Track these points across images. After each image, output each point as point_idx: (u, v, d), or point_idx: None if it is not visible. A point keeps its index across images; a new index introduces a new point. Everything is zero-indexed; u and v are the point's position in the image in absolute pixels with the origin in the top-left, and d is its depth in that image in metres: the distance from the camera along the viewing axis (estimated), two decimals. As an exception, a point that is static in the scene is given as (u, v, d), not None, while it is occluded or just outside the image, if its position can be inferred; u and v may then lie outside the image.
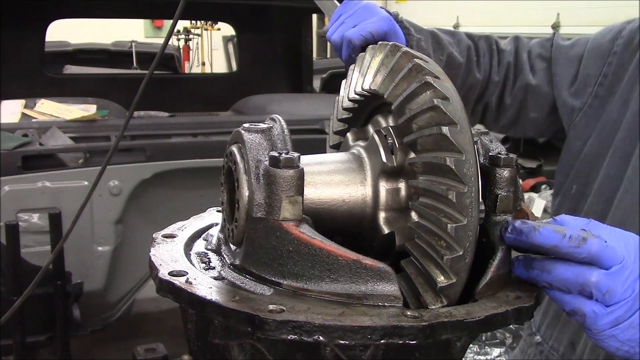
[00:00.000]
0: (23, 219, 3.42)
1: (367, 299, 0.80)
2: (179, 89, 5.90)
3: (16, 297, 3.09)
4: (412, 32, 1.57)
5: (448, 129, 0.81)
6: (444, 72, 0.92)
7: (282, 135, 0.88)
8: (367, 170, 0.93)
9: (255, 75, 5.87)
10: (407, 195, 0.90)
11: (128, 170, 3.64)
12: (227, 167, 0.90)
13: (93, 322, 3.88)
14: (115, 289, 3.92)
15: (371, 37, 1.43)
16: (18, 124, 3.91)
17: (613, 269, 0.85)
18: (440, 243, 0.81)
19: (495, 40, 1.79)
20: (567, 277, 0.86)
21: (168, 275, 0.84)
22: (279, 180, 0.80)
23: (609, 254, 0.85)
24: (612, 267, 0.85)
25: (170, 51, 8.35)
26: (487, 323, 0.80)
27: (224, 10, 6.02)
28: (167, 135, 3.95)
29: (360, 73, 1.00)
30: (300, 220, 0.82)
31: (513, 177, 0.91)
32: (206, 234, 1.04)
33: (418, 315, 0.77)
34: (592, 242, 0.85)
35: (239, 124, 0.90)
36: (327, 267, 0.80)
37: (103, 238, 3.67)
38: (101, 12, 5.82)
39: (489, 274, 0.86)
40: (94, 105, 4.34)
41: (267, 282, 0.83)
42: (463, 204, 0.80)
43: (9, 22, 4.68)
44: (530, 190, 4.62)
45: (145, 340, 3.24)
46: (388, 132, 0.91)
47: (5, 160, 3.39)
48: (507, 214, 0.91)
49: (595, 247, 0.85)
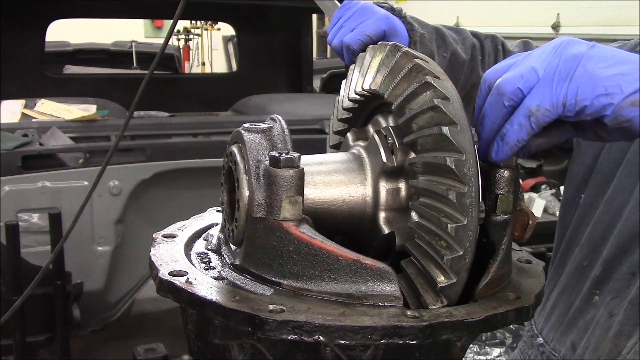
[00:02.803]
0: (23, 219, 3.42)
1: (367, 299, 0.80)
2: (179, 89, 5.90)
3: (16, 297, 3.09)
4: (415, 28, 1.56)
5: (448, 129, 0.81)
6: (447, 69, 0.92)
7: (282, 135, 0.88)
8: (367, 170, 0.93)
9: (255, 75, 5.88)
10: (407, 195, 0.90)
11: (128, 170, 3.64)
12: (227, 167, 0.90)
13: (93, 322, 3.88)
14: (115, 289, 3.92)
15: (369, 39, 1.43)
16: (18, 124, 3.92)
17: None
18: (440, 243, 0.81)
19: (501, 40, 1.77)
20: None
21: (168, 275, 0.84)
22: (279, 180, 0.80)
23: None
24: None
25: (170, 51, 8.34)
26: (488, 323, 0.80)
27: (224, 10, 6.02)
28: (167, 135, 3.95)
29: (360, 73, 1.00)
30: (301, 220, 0.82)
31: (513, 177, 0.91)
32: (206, 234, 1.04)
33: (418, 315, 0.77)
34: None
35: (239, 124, 0.90)
36: (327, 267, 0.80)
37: (103, 238, 3.67)
38: (101, 12, 5.83)
39: (489, 274, 0.86)
40: (94, 105, 4.34)
41: (267, 282, 0.83)
42: (463, 204, 0.80)
43: (9, 22, 4.69)
44: (530, 190, 4.61)
45: (145, 340, 3.25)
46: (388, 132, 0.91)
47: (5, 160, 3.39)
48: (507, 214, 0.91)
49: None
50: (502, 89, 0.90)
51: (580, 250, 1.57)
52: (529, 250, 2.00)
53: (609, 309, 1.46)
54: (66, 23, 5.61)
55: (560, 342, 1.60)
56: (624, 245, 1.45)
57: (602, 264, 1.49)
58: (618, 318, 1.43)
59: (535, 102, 0.88)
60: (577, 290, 1.56)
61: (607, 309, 1.46)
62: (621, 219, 1.47)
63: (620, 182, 1.49)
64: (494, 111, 0.92)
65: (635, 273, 1.42)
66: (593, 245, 1.53)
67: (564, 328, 1.59)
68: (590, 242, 1.55)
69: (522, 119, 0.89)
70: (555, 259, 1.67)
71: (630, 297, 1.41)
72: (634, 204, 1.44)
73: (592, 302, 1.51)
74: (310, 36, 6.10)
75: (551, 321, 1.65)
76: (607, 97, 0.86)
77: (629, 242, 1.44)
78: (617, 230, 1.46)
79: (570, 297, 1.58)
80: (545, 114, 0.87)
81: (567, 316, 1.57)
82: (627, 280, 1.44)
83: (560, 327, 1.60)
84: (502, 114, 0.91)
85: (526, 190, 4.61)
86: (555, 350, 1.60)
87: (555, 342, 1.61)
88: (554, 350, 1.61)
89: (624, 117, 0.86)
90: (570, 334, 1.56)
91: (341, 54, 1.48)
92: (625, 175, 1.48)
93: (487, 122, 0.93)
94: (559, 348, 1.60)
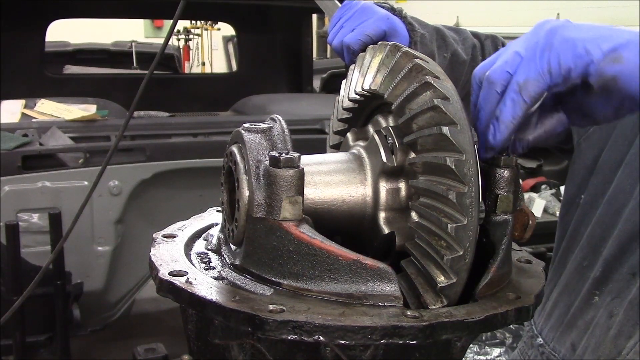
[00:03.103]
0: (23, 219, 3.42)
1: (367, 299, 0.80)
2: (179, 89, 5.90)
3: (16, 297, 3.09)
4: (416, 28, 1.56)
5: (448, 129, 0.81)
6: (448, 69, 0.92)
7: (282, 135, 0.88)
8: (367, 170, 0.93)
9: (255, 75, 5.87)
10: (407, 195, 0.90)
11: (128, 170, 3.64)
12: (227, 167, 0.90)
13: (93, 322, 3.88)
14: (115, 289, 3.92)
15: (369, 39, 1.43)
16: (18, 124, 3.91)
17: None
18: (440, 243, 0.81)
19: (501, 41, 1.77)
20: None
21: (168, 275, 0.84)
22: (279, 180, 0.80)
23: None
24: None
25: (170, 51, 8.34)
26: (488, 323, 0.80)
27: (224, 10, 6.02)
28: (167, 135, 3.95)
29: (360, 73, 1.00)
30: (301, 220, 0.82)
31: (513, 177, 0.91)
32: (206, 234, 1.04)
33: (418, 316, 0.77)
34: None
35: (239, 124, 0.90)
36: (327, 267, 0.80)
37: (103, 238, 3.67)
38: (101, 12, 5.82)
39: (489, 274, 0.86)
40: (94, 105, 4.34)
41: (267, 282, 0.83)
42: (463, 204, 0.80)
43: (9, 22, 4.68)
44: (530, 190, 4.61)
45: (145, 340, 3.24)
46: (388, 132, 0.91)
47: (5, 160, 3.39)
48: (507, 214, 0.91)
49: None
50: (491, 78, 0.92)
51: (580, 250, 1.57)
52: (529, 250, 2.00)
53: (609, 310, 1.46)
54: (66, 23, 5.61)
55: (560, 343, 1.60)
56: (624, 245, 1.45)
57: (602, 264, 1.49)
58: (618, 318, 1.43)
59: (523, 76, 0.89)
60: (577, 290, 1.56)
61: (607, 309, 1.46)
62: (621, 220, 1.47)
63: (620, 183, 1.49)
64: (488, 102, 0.93)
65: (635, 274, 1.42)
66: (593, 245, 1.53)
67: (563, 328, 1.59)
68: (590, 242, 1.55)
69: (513, 94, 0.90)
70: (555, 259, 1.67)
71: (630, 298, 1.41)
72: (634, 205, 1.44)
73: (592, 303, 1.51)
74: (310, 36, 6.10)
75: (551, 321, 1.65)
76: (588, 54, 0.87)
77: (629, 243, 1.44)
78: (617, 231, 1.46)
79: (570, 297, 1.58)
80: (534, 84, 0.89)
81: (567, 316, 1.57)
82: (627, 281, 1.44)
83: (560, 328, 1.60)
84: (496, 101, 0.92)
85: (526, 190, 4.61)
86: (555, 351, 1.60)
87: (555, 343, 1.61)
88: (554, 351, 1.61)
89: (608, 74, 0.87)
90: (570, 334, 1.56)
91: (341, 54, 1.49)
92: (626, 175, 1.48)
93: (482, 115, 0.93)
94: (558, 348, 1.60)
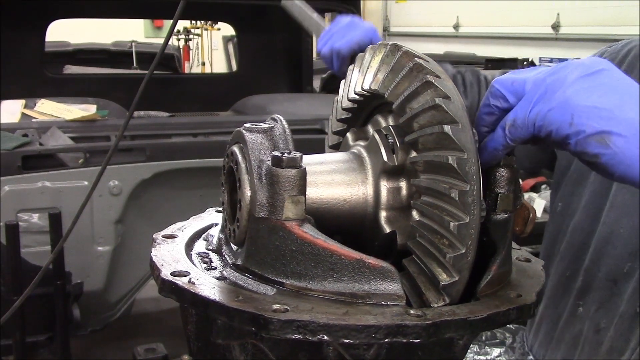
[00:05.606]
0: (23, 219, 3.41)
1: (370, 298, 0.80)
2: (179, 89, 5.89)
3: (16, 297, 3.09)
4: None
5: (450, 128, 0.81)
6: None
7: (283, 135, 0.88)
8: (368, 169, 0.93)
9: (255, 75, 5.87)
10: (408, 194, 0.90)
11: (128, 170, 3.64)
12: (228, 167, 0.90)
13: (93, 322, 3.88)
14: (115, 289, 3.92)
15: (358, 47, 1.55)
16: (18, 124, 3.91)
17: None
18: (442, 241, 0.81)
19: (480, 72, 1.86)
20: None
21: (170, 276, 0.84)
22: (282, 180, 0.80)
23: None
24: None
25: (170, 51, 8.33)
26: (490, 321, 0.80)
27: (224, 10, 6.01)
28: (167, 135, 3.94)
29: (360, 72, 1.00)
30: (303, 219, 0.82)
31: (513, 176, 0.92)
32: (206, 234, 1.04)
33: (421, 314, 0.77)
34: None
35: (239, 124, 0.90)
36: (330, 266, 0.80)
37: (103, 238, 3.66)
38: (101, 12, 5.82)
39: (490, 272, 0.86)
40: (94, 105, 4.33)
41: (269, 281, 0.83)
42: (465, 202, 0.80)
43: (9, 22, 4.68)
44: (530, 190, 4.61)
45: (145, 340, 3.25)
46: (389, 132, 0.91)
47: (5, 160, 3.38)
48: (507, 212, 0.91)
49: None
50: (492, 84, 0.92)
51: (561, 260, 1.56)
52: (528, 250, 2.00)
53: (594, 322, 1.44)
54: (66, 23, 5.61)
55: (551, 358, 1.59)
56: (602, 249, 1.44)
57: (583, 272, 1.48)
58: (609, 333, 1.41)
59: (512, 116, 0.87)
60: (563, 302, 1.55)
61: (593, 322, 1.45)
62: (599, 224, 1.46)
63: (595, 187, 1.49)
64: (483, 105, 0.93)
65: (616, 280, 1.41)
66: (573, 253, 1.53)
67: (554, 344, 1.58)
68: (570, 250, 1.54)
69: (499, 130, 0.89)
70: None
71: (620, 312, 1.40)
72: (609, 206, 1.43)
73: (577, 314, 1.49)
74: (310, 36, 6.09)
75: (540, 337, 1.64)
76: (571, 126, 0.80)
77: (605, 245, 1.43)
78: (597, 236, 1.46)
79: (556, 310, 1.57)
80: (517, 130, 0.86)
81: (555, 331, 1.56)
82: (608, 289, 1.42)
83: (551, 343, 1.59)
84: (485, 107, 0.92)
85: (526, 190, 4.60)
86: None
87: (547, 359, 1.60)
88: None
89: (589, 152, 0.80)
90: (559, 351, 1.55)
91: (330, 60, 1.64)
92: (600, 179, 1.47)
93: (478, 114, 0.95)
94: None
